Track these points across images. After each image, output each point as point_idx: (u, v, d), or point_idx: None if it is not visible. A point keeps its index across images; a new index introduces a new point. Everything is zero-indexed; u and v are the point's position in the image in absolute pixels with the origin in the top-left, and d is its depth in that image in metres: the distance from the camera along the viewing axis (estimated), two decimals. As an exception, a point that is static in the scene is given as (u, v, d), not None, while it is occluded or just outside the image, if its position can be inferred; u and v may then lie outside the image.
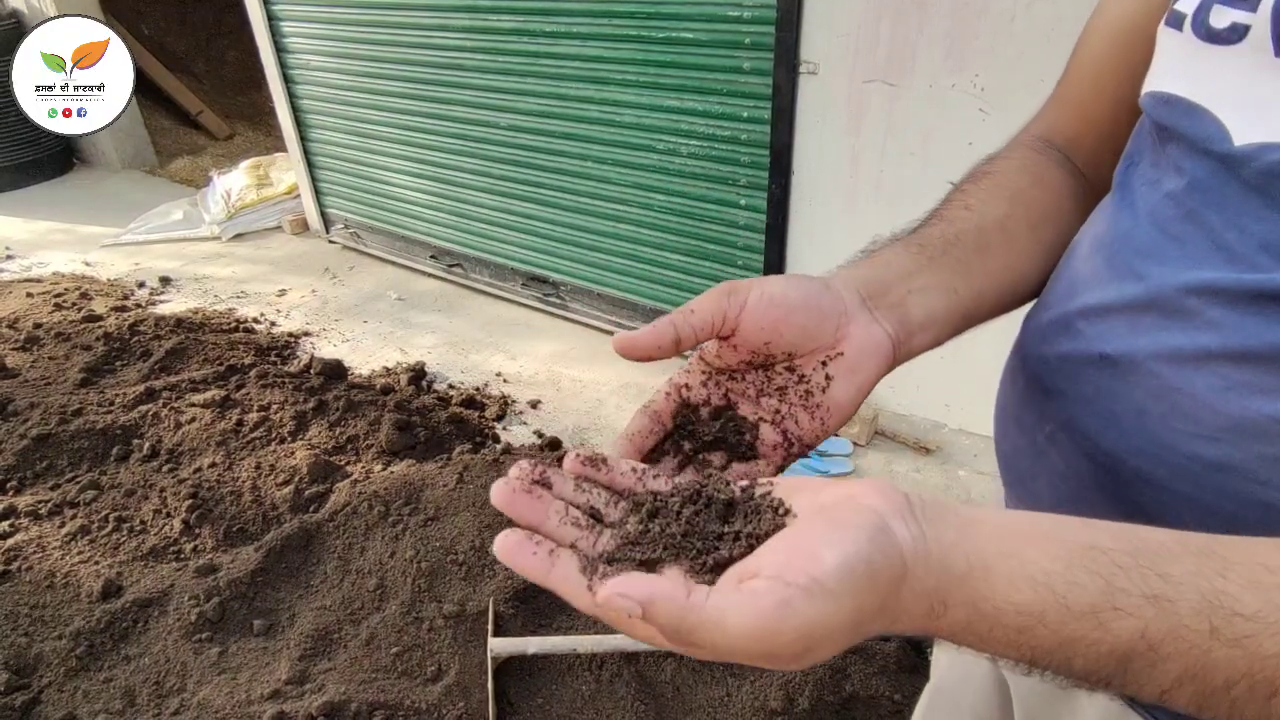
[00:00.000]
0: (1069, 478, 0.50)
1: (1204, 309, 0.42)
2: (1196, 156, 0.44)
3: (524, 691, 1.57)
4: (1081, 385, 0.48)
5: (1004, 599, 0.34)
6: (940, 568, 0.35)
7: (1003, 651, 0.36)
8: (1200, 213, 0.44)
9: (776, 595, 0.32)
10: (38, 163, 4.97)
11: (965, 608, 0.35)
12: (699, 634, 0.32)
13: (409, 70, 3.09)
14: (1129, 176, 0.51)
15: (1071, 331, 0.50)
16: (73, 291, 3.32)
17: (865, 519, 0.34)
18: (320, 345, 3.00)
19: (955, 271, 0.51)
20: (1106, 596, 0.34)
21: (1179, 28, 0.46)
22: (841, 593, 0.32)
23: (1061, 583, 0.34)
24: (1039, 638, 0.34)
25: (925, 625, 0.36)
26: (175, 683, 1.60)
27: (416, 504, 1.99)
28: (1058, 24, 1.71)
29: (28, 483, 2.15)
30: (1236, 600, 0.33)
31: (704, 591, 0.33)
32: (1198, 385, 0.42)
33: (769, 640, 0.31)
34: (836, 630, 0.32)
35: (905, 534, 0.35)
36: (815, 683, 1.49)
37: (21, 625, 1.71)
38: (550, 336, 3.01)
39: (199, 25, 6.25)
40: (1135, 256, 0.47)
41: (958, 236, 0.53)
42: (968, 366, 2.20)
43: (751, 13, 2.13)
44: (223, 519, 2.01)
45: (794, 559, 0.33)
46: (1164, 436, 0.44)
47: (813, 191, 2.25)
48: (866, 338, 0.47)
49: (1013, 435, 0.56)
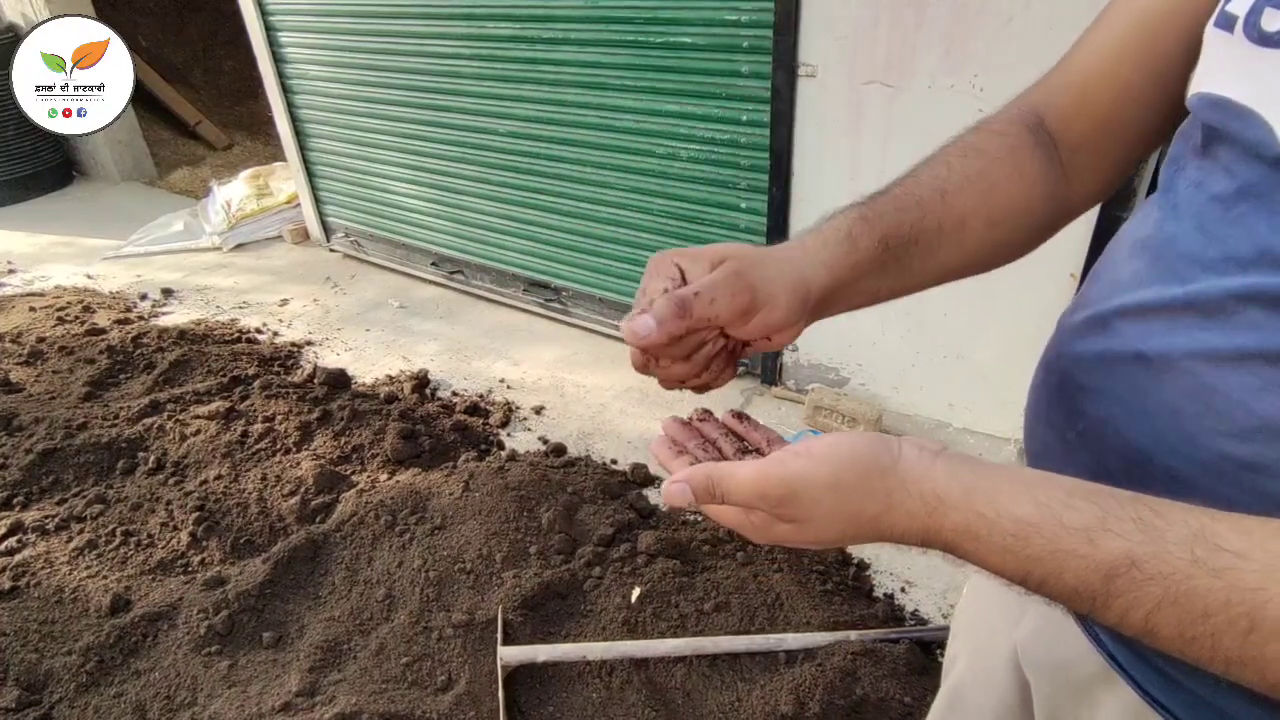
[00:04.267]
0: (1099, 475, 0.50)
1: (1245, 310, 0.43)
2: (1248, 160, 0.44)
3: (534, 700, 1.57)
4: (1116, 383, 0.49)
5: (1004, 509, 0.39)
6: (945, 473, 0.41)
7: (1000, 561, 0.40)
8: (1248, 217, 0.44)
9: (775, 456, 0.44)
10: (37, 176, 4.98)
11: (964, 511, 0.40)
12: (721, 485, 0.44)
13: (407, 78, 3.10)
14: (1174, 180, 0.51)
15: (1109, 330, 0.50)
16: (75, 305, 3.33)
17: (872, 434, 0.43)
18: (323, 355, 3.00)
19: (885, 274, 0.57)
20: (1100, 520, 0.37)
21: (1230, 30, 0.46)
22: (822, 458, 0.42)
23: (1060, 505, 0.39)
24: (1034, 547, 0.38)
25: (926, 524, 0.41)
26: (186, 697, 1.60)
27: (423, 513, 1.99)
28: (1055, 23, 1.72)
29: (34, 498, 2.15)
30: (1222, 538, 0.35)
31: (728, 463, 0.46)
32: (1232, 384, 0.43)
33: (761, 482, 0.42)
34: (814, 486, 0.41)
35: (912, 451, 0.42)
36: (825, 686, 1.49)
37: (31, 641, 1.71)
38: (553, 342, 3.01)
39: (196, 35, 6.26)
40: (1179, 259, 0.47)
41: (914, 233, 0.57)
42: (971, 366, 2.20)
43: (749, 16, 2.13)
44: (230, 531, 2.01)
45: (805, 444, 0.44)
46: (1196, 435, 0.44)
47: (813, 194, 2.25)
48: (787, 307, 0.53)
49: (1041, 433, 0.57)
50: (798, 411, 2.43)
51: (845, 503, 0.41)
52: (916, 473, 0.41)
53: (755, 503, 0.43)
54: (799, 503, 0.42)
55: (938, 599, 1.80)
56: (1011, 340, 2.07)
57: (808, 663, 1.57)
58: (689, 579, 1.79)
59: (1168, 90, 0.56)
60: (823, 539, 0.43)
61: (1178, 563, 0.35)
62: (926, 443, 0.44)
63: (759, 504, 0.43)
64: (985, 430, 2.28)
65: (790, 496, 0.42)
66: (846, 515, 0.42)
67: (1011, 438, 2.21)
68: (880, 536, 0.42)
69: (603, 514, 1.98)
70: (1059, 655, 0.59)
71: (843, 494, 0.41)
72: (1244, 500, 0.42)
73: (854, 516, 0.42)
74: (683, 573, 1.80)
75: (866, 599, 1.81)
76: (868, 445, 0.42)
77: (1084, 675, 0.56)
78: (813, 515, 0.42)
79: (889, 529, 0.42)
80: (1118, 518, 0.37)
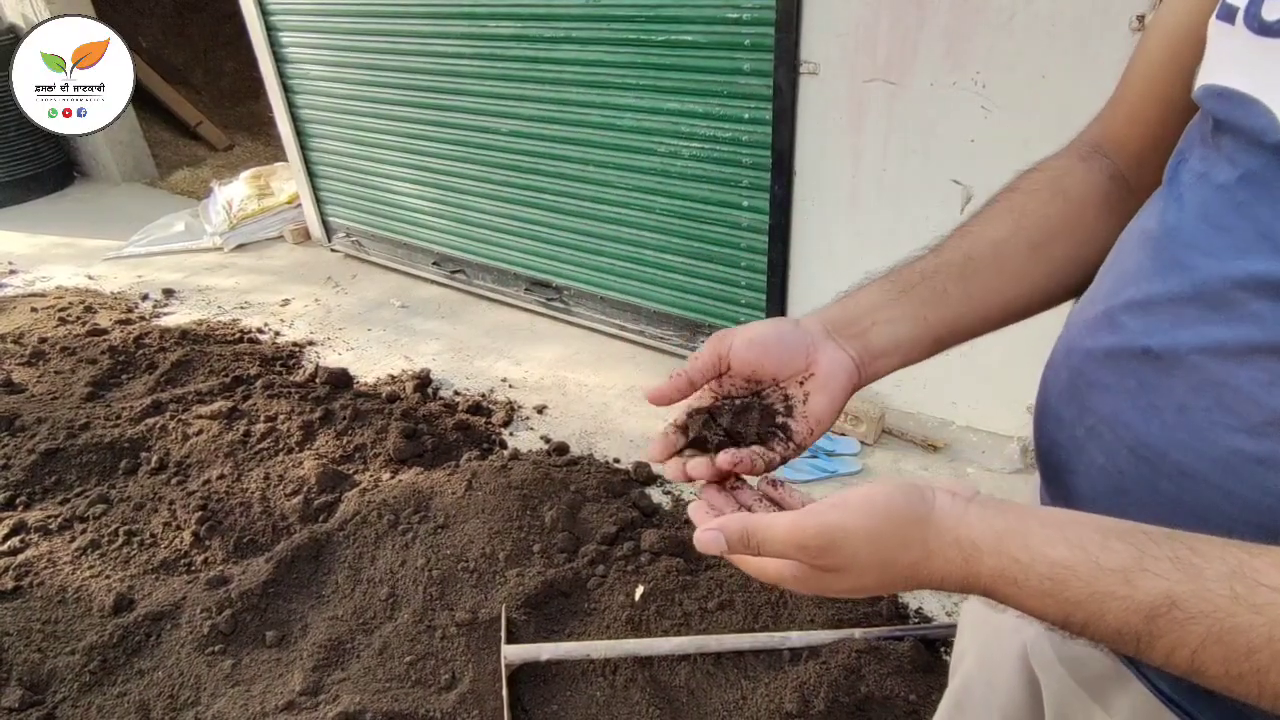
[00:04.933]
0: (1109, 472, 0.50)
1: (1248, 301, 0.43)
2: (1251, 149, 0.45)
3: (538, 698, 1.57)
4: (1124, 379, 0.49)
5: (1039, 552, 0.39)
6: (979, 521, 0.41)
7: (1039, 605, 0.40)
8: (1251, 205, 0.44)
9: (811, 508, 0.44)
10: (38, 177, 4.98)
11: (1000, 556, 0.40)
12: (757, 535, 0.44)
13: (408, 78, 3.10)
14: (1178, 171, 0.52)
15: (1115, 325, 0.50)
16: (77, 305, 3.33)
17: (906, 483, 0.43)
18: (325, 354, 3.00)
19: (926, 302, 0.59)
20: (1137, 560, 0.37)
21: (1231, 21, 0.46)
22: (858, 509, 0.42)
23: (1096, 545, 0.39)
24: (1072, 590, 0.38)
25: (964, 571, 0.41)
26: (189, 696, 1.60)
27: (426, 512, 1.99)
28: (1057, 20, 1.71)
29: (37, 498, 2.15)
30: (1261, 573, 0.35)
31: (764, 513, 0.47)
32: (1241, 379, 0.42)
33: (798, 534, 0.42)
34: (854, 537, 0.41)
35: (946, 499, 0.43)
36: (830, 684, 1.49)
37: (34, 641, 1.71)
38: (554, 341, 3.01)
39: (196, 36, 6.26)
40: (1181, 249, 0.47)
41: (938, 269, 0.60)
42: (974, 364, 2.20)
43: (751, 14, 2.13)
44: (233, 530, 2.01)
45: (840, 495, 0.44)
46: (1206, 430, 0.44)
47: (815, 191, 2.25)
48: (832, 360, 0.57)
49: (1051, 430, 0.57)
50: (800, 410, 2.43)
51: (883, 552, 0.41)
52: (951, 520, 0.41)
53: (793, 554, 0.43)
54: (838, 553, 0.42)
55: (942, 596, 1.80)
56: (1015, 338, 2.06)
57: (812, 661, 1.57)
58: (692, 577, 1.79)
59: None
60: (861, 587, 0.44)
61: (1218, 600, 0.35)
62: (959, 488, 0.44)
63: (797, 555, 0.43)
64: (988, 428, 2.28)
65: (829, 547, 0.42)
66: (884, 564, 0.42)
67: (1015, 435, 2.21)
68: (919, 584, 0.43)
69: (606, 512, 1.98)
70: (1069, 653, 0.59)
71: (880, 544, 0.41)
72: (1255, 496, 0.42)
73: (892, 565, 0.42)
74: (686, 571, 1.80)
75: (870, 596, 1.81)
76: (904, 495, 0.42)
77: (1095, 673, 0.56)
78: (851, 565, 0.42)
79: (927, 577, 0.42)
80: (1154, 557, 0.37)
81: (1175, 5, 0.58)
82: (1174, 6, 0.58)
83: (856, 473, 2.18)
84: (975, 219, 0.62)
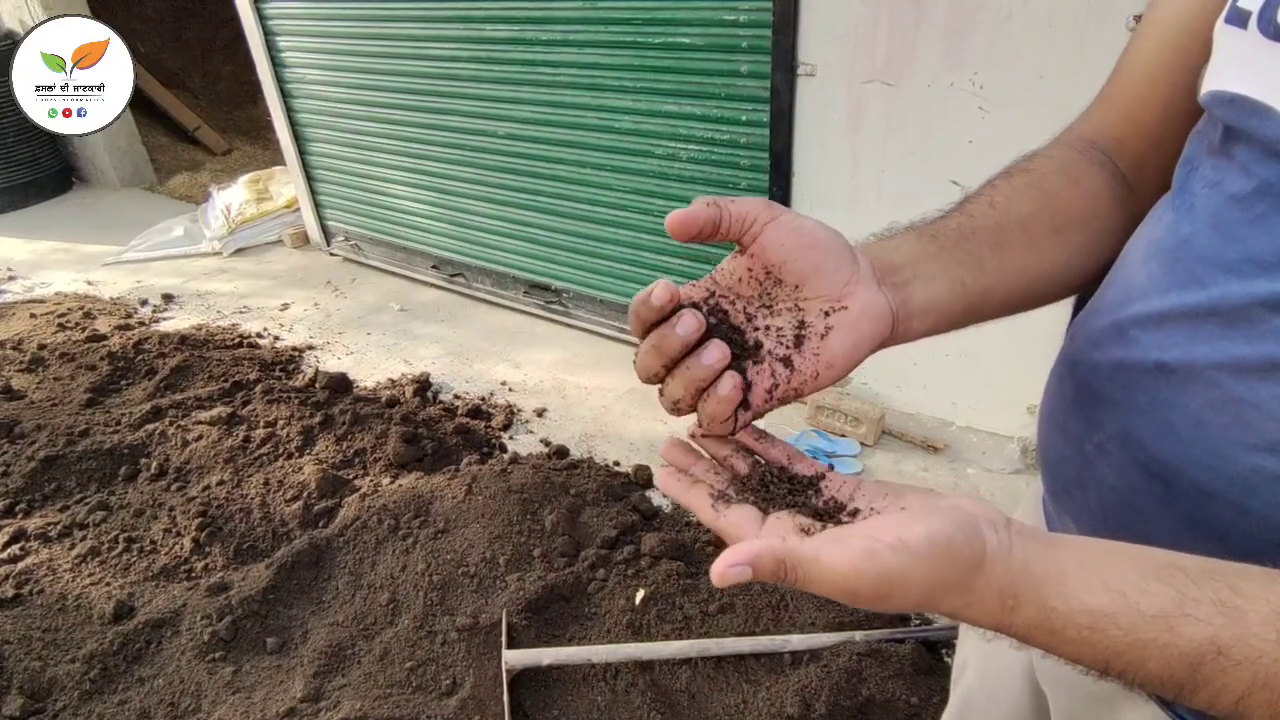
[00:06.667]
0: (1120, 489, 0.49)
1: (1269, 318, 0.42)
2: (1266, 159, 0.43)
3: (539, 703, 1.57)
4: (1136, 394, 0.48)
5: (1077, 600, 0.37)
6: (1019, 568, 0.38)
7: (1076, 653, 0.38)
8: (1269, 216, 0.43)
9: (866, 546, 0.37)
10: (37, 183, 4.98)
11: (1038, 606, 0.38)
12: (799, 570, 0.38)
13: (405, 82, 3.09)
14: (1189, 180, 0.50)
15: (1126, 339, 0.49)
16: (76, 311, 3.33)
17: (960, 516, 0.39)
18: (324, 359, 3.00)
19: (964, 264, 0.52)
20: (1178, 604, 0.36)
21: (1243, 25, 0.45)
22: (922, 555, 0.37)
23: (1135, 590, 0.37)
24: (1111, 639, 0.37)
25: (999, 619, 0.39)
26: (190, 703, 1.60)
27: (426, 516, 1.99)
28: (1054, 20, 1.71)
29: (36, 505, 2.15)
30: None
31: (799, 538, 0.40)
32: (1263, 395, 0.42)
33: (855, 580, 0.37)
34: (912, 585, 0.37)
35: (992, 537, 0.39)
36: (831, 688, 1.49)
37: (35, 649, 1.71)
38: (554, 344, 3.00)
39: (194, 41, 6.27)
40: (1196, 262, 0.46)
41: (974, 231, 0.54)
42: (973, 364, 2.20)
43: (748, 16, 2.13)
44: (233, 537, 2.01)
45: (890, 527, 0.39)
46: (1223, 448, 0.43)
47: (814, 193, 2.24)
48: (871, 300, 0.47)
49: (1058, 443, 0.55)
50: (800, 411, 2.43)
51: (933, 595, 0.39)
52: (998, 568, 0.39)
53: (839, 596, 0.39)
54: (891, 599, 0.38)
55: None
56: (1015, 338, 2.06)
57: (813, 664, 1.57)
58: (693, 580, 1.78)
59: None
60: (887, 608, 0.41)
61: (1264, 645, 0.34)
62: (995, 517, 0.40)
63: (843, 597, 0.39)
64: (988, 429, 2.27)
65: (887, 594, 0.38)
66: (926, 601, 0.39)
67: (1015, 435, 2.20)
68: (946, 616, 0.41)
69: (606, 516, 1.98)
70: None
71: (934, 589, 0.38)
72: (1275, 514, 0.41)
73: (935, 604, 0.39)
74: (687, 574, 1.80)
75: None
76: (965, 538, 0.38)
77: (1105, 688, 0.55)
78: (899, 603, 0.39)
79: (959, 615, 0.40)
80: (1195, 599, 0.36)
81: (1172, 5, 0.56)
82: (1170, 6, 0.56)
83: (856, 474, 2.18)
84: (995, 192, 0.57)
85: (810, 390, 0.47)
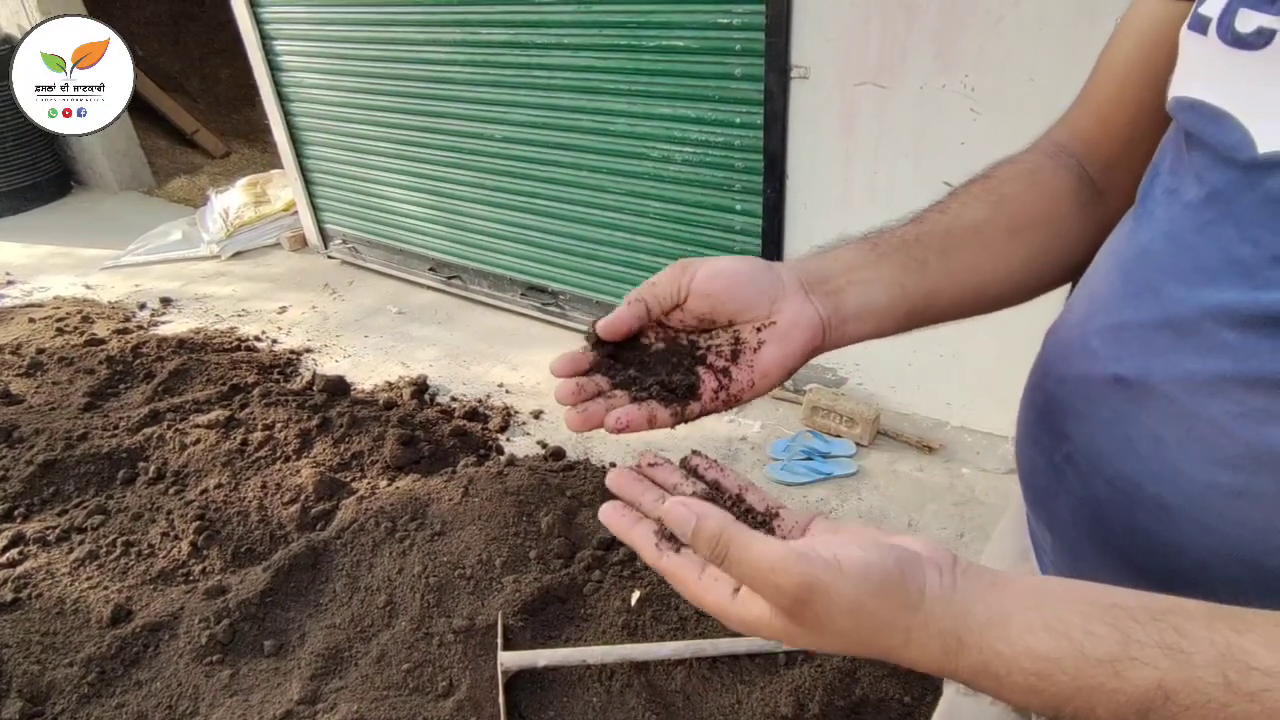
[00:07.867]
0: (1087, 501, 0.49)
1: (1218, 331, 0.41)
2: (1218, 165, 0.43)
3: (535, 705, 1.57)
4: (1098, 408, 0.47)
5: (1021, 644, 0.36)
6: (961, 610, 0.38)
7: (1022, 699, 0.37)
8: (1217, 224, 0.42)
9: (802, 549, 0.38)
10: (35, 187, 4.99)
11: (981, 650, 0.37)
12: (731, 549, 0.39)
13: (402, 85, 3.10)
14: (1151, 187, 0.50)
15: (1088, 351, 0.49)
16: (74, 315, 3.33)
17: (903, 554, 0.39)
18: (322, 361, 3.01)
19: (905, 268, 0.54)
20: (1123, 647, 0.35)
21: (1203, 32, 0.45)
22: (852, 577, 0.37)
23: (1079, 632, 0.36)
24: (1058, 684, 0.36)
25: (941, 662, 0.38)
26: (188, 706, 1.61)
27: (423, 519, 2.00)
28: (1045, 23, 1.72)
29: (35, 509, 2.16)
30: (1252, 655, 0.33)
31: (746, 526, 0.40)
32: (1214, 411, 0.41)
33: (780, 575, 0.37)
34: (835, 603, 0.37)
35: (935, 578, 0.39)
36: (825, 687, 1.50)
37: (33, 653, 1.72)
38: (550, 346, 3.01)
39: (192, 44, 6.28)
40: (1152, 272, 0.46)
41: (919, 237, 0.56)
42: (967, 364, 2.21)
43: (741, 19, 2.13)
44: (230, 540, 2.02)
45: (832, 545, 0.39)
46: (1181, 463, 0.43)
47: (807, 195, 2.25)
48: (799, 312, 0.52)
49: (1031, 454, 0.55)
50: (795, 412, 2.44)
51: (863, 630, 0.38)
52: (938, 609, 0.38)
53: (760, 587, 0.38)
54: (811, 611, 0.38)
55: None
56: (1008, 339, 2.07)
57: (807, 664, 1.58)
58: (688, 581, 1.79)
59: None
60: (824, 650, 0.41)
61: (1212, 690, 0.33)
62: (941, 558, 0.40)
63: (764, 591, 0.38)
64: (982, 428, 2.28)
65: (807, 601, 0.37)
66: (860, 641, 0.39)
67: (1009, 435, 2.21)
68: (890, 660, 0.40)
69: (602, 518, 1.99)
70: None
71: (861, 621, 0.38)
72: (1233, 530, 0.41)
73: (867, 644, 0.39)
74: (682, 575, 1.80)
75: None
76: (900, 574, 0.38)
77: None
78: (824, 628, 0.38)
79: (899, 659, 0.39)
80: (1140, 643, 0.35)
81: (1146, 6, 0.56)
82: (1145, 8, 0.56)
83: (852, 474, 2.19)
84: (951, 199, 0.59)
85: (750, 397, 0.52)
